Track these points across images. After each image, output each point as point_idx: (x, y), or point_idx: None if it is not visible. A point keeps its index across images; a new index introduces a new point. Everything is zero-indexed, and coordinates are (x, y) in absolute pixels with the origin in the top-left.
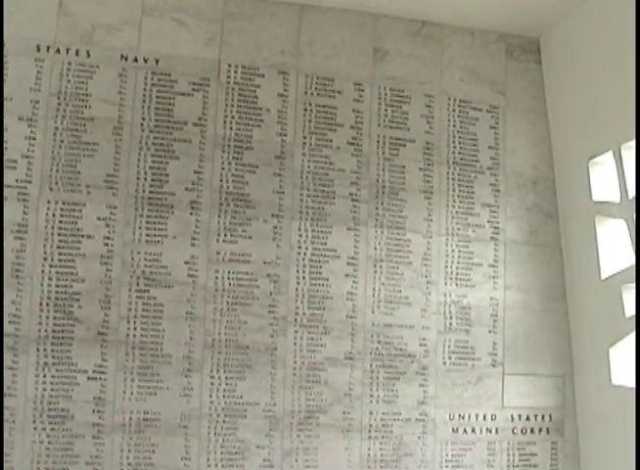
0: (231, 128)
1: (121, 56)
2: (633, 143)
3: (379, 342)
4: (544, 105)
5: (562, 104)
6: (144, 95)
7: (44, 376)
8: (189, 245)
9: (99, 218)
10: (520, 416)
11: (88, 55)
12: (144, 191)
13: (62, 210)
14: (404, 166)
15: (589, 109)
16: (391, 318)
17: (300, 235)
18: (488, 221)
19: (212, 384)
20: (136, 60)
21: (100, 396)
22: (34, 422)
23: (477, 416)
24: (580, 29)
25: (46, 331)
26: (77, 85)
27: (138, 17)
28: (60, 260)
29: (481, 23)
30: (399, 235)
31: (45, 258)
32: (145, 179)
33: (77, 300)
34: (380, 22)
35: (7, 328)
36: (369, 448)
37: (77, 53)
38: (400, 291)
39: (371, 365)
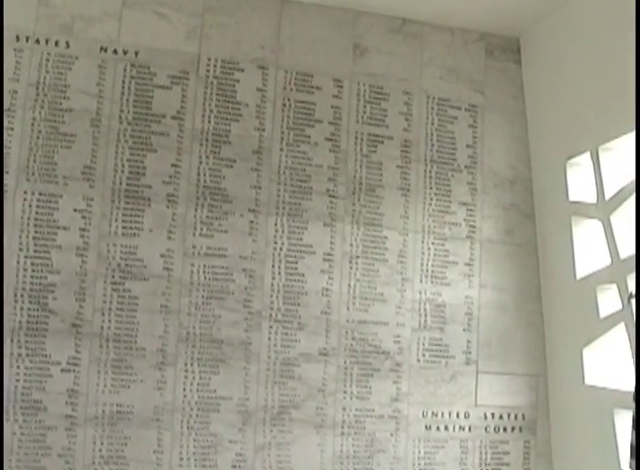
0: (209, 122)
1: (101, 48)
2: (610, 144)
3: (353, 338)
4: (523, 105)
5: (540, 104)
6: (123, 87)
7: (17, 367)
8: (165, 238)
9: (75, 210)
10: (493, 415)
11: (67, 46)
12: (121, 183)
13: (38, 200)
14: (382, 163)
15: (567, 110)
16: (366, 315)
17: (277, 230)
18: (465, 220)
19: (186, 378)
20: (116, 52)
21: (73, 388)
22: (7, 413)
23: (450, 414)
24: (560, 30)
25: (20, 322)
26: (56, 76)
27: (118, 9)
28: (35, 252)
29: (462, 21)
30: (375, 232)
31: (20, 249)
32: (122, 172)
33: (52, 291)
34: (360, 18)
35: None
36: (342, 445)
37: (57, 44)
38: (375, 288)
39: (345, 362)
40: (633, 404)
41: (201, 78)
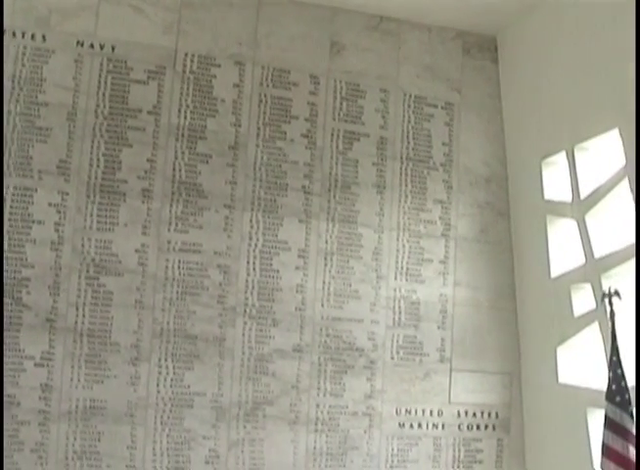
0: (185, 118)
1: (77, 41)
2: (586, 144)
3: (327, 335)
4: (499, 103)
5: (517, 103)
6: (99, 82)
7: None
8: (140, 233)
9: (50, 204)
10: (466, 412)
11: (44, 39)
12: (96, 178)
13: (13, 194)
14: (357, 161)
15: (544, 109)
16: (341, 312)
17: (252, 226)
18: (440, 218)
19: (160, 373)
20: (92, 46)
21: (47, 382)
22: None
23: (423, 411)
24: (538, 30)
25: None
26: (32, 70)
27: (95, 2)
28: (9, 246)
29: (439, 19)
30: (351, 229)
31: None
32: (97, 166)
33: (26, 286)
34: (338, 15)
35: None
36: (315, 441)
37: (33, 37)
38: (350, 285)
39: (319, 358)
40: (606, 403)
41: (177, 73)
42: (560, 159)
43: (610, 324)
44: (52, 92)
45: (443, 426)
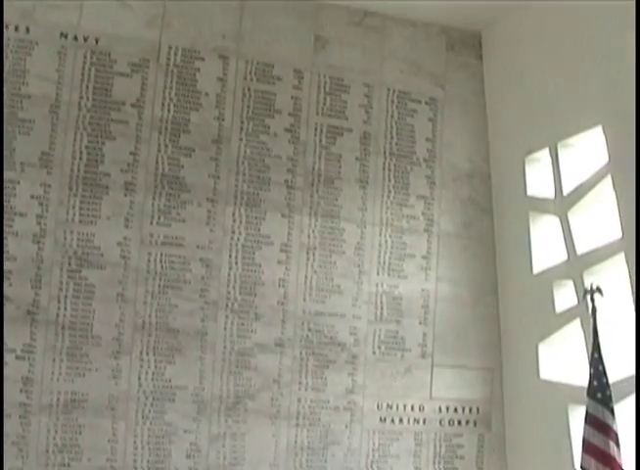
0: (169, 111)
1: (61, 33)
2: (570, 140)
3: (309, 329)
4: (483, 100)
5: (500, 99)
6: (82, 74)
7: None
8: (122, 226)
9: (32, 197)
10: (447, 408)
11: (27, 31)
12: (79, 171)
13: None
14: (341, 156)
15: (527, 105)
16: (323, 306)
17: (234, 220)
18: (423, 213)
19: (141, 367)
20: (76, 38)
21: (28, 375)
22: None
23: (404, 407)
24: (522, 26)
25: None
26: (15, 61)
27: None
28: None
29: (424, 15)
30: (333, 224)
31: None
32: (80, 159)
33: (8, 278)
34: (322, 10)
35: None
36: (296, 436)
37: (17, 29)
38: (332, 279)
39: (301, 353)
40: (587, 399)
41: (161, 66)
42: (543, 155)
43: (591, 321)
44: (35, 84)
45: (424, 421)
